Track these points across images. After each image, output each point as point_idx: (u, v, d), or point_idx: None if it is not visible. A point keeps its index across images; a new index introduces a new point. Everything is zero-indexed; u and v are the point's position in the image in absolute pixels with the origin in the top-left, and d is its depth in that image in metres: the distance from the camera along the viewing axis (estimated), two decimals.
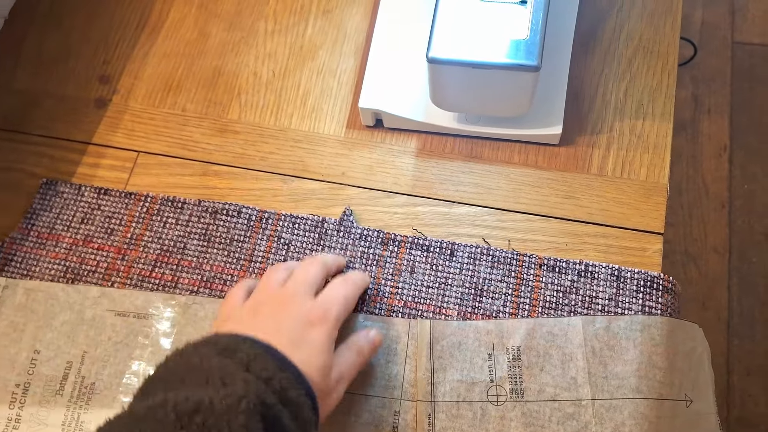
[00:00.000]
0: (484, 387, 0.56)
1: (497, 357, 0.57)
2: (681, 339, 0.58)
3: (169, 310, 0.61)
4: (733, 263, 1.47)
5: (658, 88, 0.68)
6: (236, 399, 0.42)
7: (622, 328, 0.57)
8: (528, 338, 0.58)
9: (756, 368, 1.39)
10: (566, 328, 0.58)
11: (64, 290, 0.63)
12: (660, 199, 0.63)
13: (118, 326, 0.61)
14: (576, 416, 0.55)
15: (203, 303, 0.61)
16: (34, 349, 0.61)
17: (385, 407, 0.57)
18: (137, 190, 0.67)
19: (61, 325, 0.61)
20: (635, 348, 0.56)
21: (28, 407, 0.59)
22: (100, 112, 0.72)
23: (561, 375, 0.56)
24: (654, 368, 0.55)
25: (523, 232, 0.63)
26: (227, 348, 0.47)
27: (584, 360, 0.56)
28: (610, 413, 0.54)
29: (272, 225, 0.64)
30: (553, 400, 0.55)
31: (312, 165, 0.68)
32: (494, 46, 0.57)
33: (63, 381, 0.59)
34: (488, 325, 0.58)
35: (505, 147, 0.67)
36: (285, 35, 0.74)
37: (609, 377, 0.55)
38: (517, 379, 0.56)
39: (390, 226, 0.64)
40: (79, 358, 0.60)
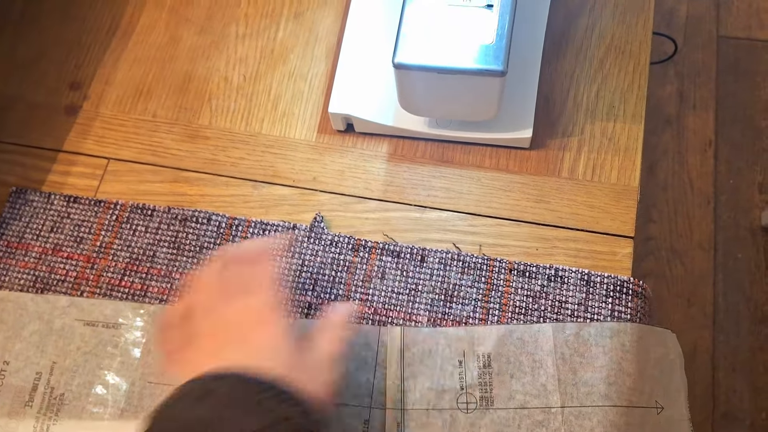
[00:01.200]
0: (454, 394, 0.56)
1: (468, 364, 0.57)
2: (652, 345, 0.58)
3: (138, 319, 0.61)
4: (719, 259, 1.47)
5: (629, 89, 0.68)
6: None
7: (593, 335, 0.57)
8: (498, 345, 0.57)
9: (741, 364, 1.39)
10: (536, 334, 0.57)
11: (33, 300, 0.62)
12: (630, 202, 0.63)
13: (87, 336, 0.61)
14: (545, 423, 0.55)
15: None
16: (3, 359, 0.60)
17: (354, 416, 0.56)
18: (107, 198, 0.66)
19: (30, 335, 0.61)
20: (605, 355, 0.56)
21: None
22: (70, 119, 0.71)
23: (531, 382, 0.56)
24: (624, 375, 0.55)
25: (493, 236, 0.63)
26: (201, 394, 0.45)
27: (554, 367, 0.56)
28: (579, 420, 0.54)
29: (242, 232, 0.64)
30: (523, 407, 0.55)
31: (283, 170, 0.67)
32: (460, 51, 0.57)
33: (32, 392, 0.59)
34: (459, 332, 0.58)
35: (476, 151, 0.67)
36: (256, 39, 0.74)
37: (579, 384, 0.55)
38: (487, 387, 0.56)
39: (361, 232, 0.64)
40: (48, 368, 0.60)
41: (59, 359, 0.60)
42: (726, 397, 1.36)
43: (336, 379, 0.50)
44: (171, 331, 0.52)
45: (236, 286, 0.52)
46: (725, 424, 1.34)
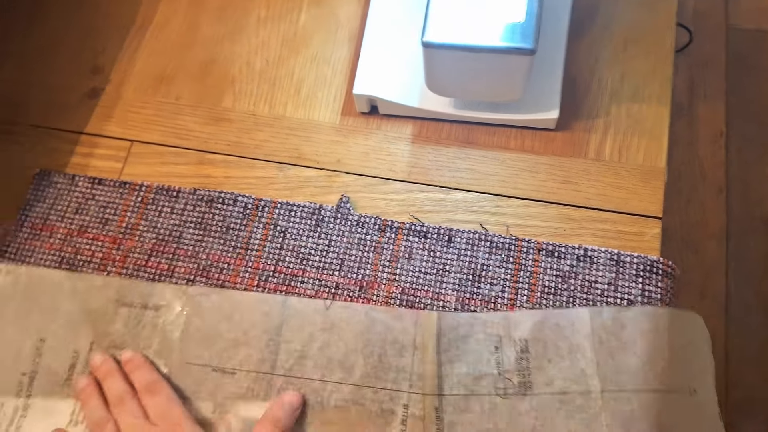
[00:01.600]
0: (492, 380, 0.56)
1: (504, 349, 0.57)
2: (683, 329, 0.57)
3: (176, 301, 0.61)
4: (731, 250, 1.47)
5: (654, 71, 0.68)
6: None
7: (630, 319, 0.56)
8: (535, 330, 0.57)
9: (754, 355, 1.39)
10: (573, 319, 0.57)
11: (68, 278, 0.62)
12: (658, 183, 0.63)
13: (125, 316, 0.61)
14: (585, 408, 0.54)
15: (209, 294, 0.61)
16: (39, 338, 0.60)
17: (393, 400, 0.56)
18: (132, 180, 0.66)
19: (66, 313, 0.61)
20: (642, 338, 0.55)
21: (35, 397, 0.58)
22: (92, 102, 0.71)
23: (569, 367, 0.55)
24: (660, 359, 0.55)
25: (520, 217, 0.63)
26: None
27: (592, 351, 0.55)
28: (620, 405, 0.54)
29: (268, 213, 0.64)
30: (563, 392, 0.55)
31: (307, 152, 0.67)
32: (490, 30, 0.56)
33: (70, 371, 0.59)
34: (494, 317, 0.58)
35: (501, 132, 0.66)
36: (278, 23, 0.74)
37: (618, 369, 0.55)
38: (525, 372, 0.56)
39: (387, 213, 0.64)
40: (86, 348, 0.60)
41: (97, 339, 0.60)
42: (739, 388, 1.36)
43: None
44: None
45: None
46: (738, 415, 1.34)
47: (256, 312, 0.59)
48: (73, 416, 0.58)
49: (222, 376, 0.58)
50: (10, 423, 0.58)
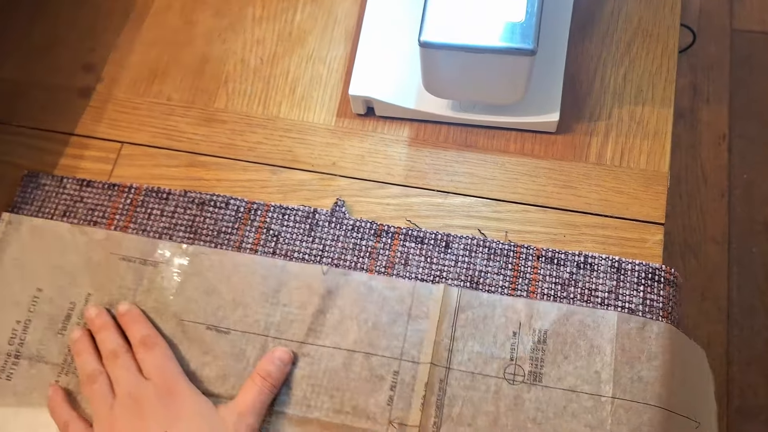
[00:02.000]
0: (503, 364, 0.55)
1: (522, 336, 0.56)
2: (694, 360, 0.56)
3: (176, 258, 0.61)
4: (733, 253, 1.46)
5: (657, 72, 0.66)
6: None
7: (655, 333, 0.55)
8: (558, 323, 0.56)
9: (756, 358, 1.37)
10: (599, 320, 0.56)
11: (70, 231, 0.63)
12: (660, 188, 0.61)
13: (123, 271, 0.61)
14: (593, 411, 0.53)
15: (209, 254, 0.61)
16: (37, 287, 0.61)
17: (384, 366, 0.56)
18: (121, 182, 0.65)
19: (65, 265, 0.61)
20: (663, 355, 0.54)
21: (27, 344, 0.59)
22: (83, 101, 0.69)
23: (585, 366, 0.54)
24: (675, 381, 0.54)
25: (519, 223, 0.61)
26: None
27: (612, 356, 0.54)
28: (628, 415, 0.53)
29: (261, 216, 0.62)
30: (572, 390, 0.54)
31: (302, 155, 0.66)
32: (489, 30, 0.55)
33: (65, 321, 0.59)
34: (518, 303, 0.57)
35: (501, 135, 0.65)
36: (273, 21, 0.72)
37: (634, 379, 0.54)
38: (539, 363, 0.55)
39: (383, 217, 0.62)
40: (83, 299, 0.60)
41: (95, 291, 0.60)
42: (740, 391, 1.35)
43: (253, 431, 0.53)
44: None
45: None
46: (740, 419, 1.33)
47: (255, 274, 0.60)
48: (65, 366, 0.58)
49: (216, 335, 0.58)
50: (1, 370, 0.58)
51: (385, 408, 0.55)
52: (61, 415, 0.55)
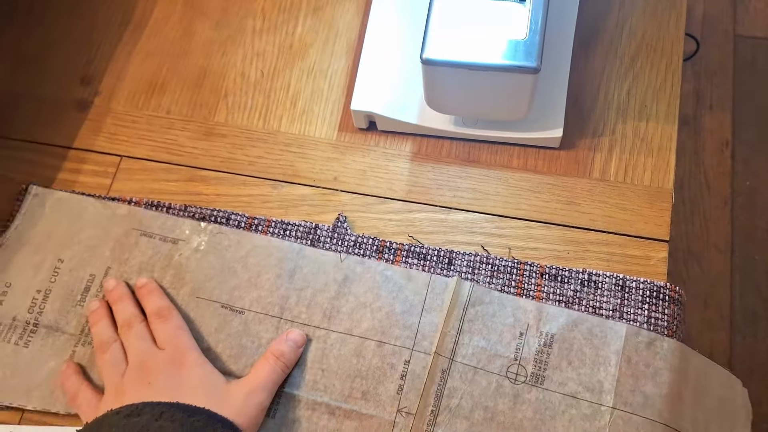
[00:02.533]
0: (506, 362, 0.55)
1: (528, 338, 0.56)
2: (717, 384, 0.56)
3: (195, 237, 0.62)
4: (736, 261, 1.45)
5: (662, 87, 0.65)
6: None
7: (665, 349, 0.55)
8: (566, 329, 0.56)
9: (758, 366, 1.37)
10: (608, 330, 0.56)
11: (93, 205, 0.64)
12: (665, 204, 0.61)
13: (143, 246, 0.62)
14: (590, 419, 0.53)
15: (228, 234, 0.62)
16: (59, 258, 0.62)
17: (395, 355, 0.56)
18: (120, 196, 0.64)
19: (87, 238, 0.62)
20: (670, 373, 0.54)
21: (46, 314, 0.60)
22: (81, 115, 0.69)
23: (588, 374, 0.55)
24: (682, 400, 0.54)
25: (522, 239, 0.61)
26: (132, 413, 0.48)
27: (617, 367, 0.55)
28: (627, 427, 0.53)
29: (262, 232, 0.62)
30: (573, 396, 0.54)
31: (303, 170, 0.65)
32: (492, 47, 0.54)
33: (84, 292, 0.60)
34: (528, 305, 0.57)
35: (504, 151, 0.64)
36: (274, 34, 0.71)
37: (636, 392, 0.54)
38: (542, 365, 0.55)
39: (384, 233, 0.62)
40: (103, 272, 0.61)
41: (114, 265, 0.61)
42: None
43: (263, 409, 0.53)
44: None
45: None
46: None
47: (272, 257, 0.60)
48: (82, 336, 0.59)
49: (230, 314, 0.59)
50: (20, 337, 0.59)
51: (394, 396, 0.55)
52: (71, 386, 0.56)
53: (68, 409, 0.56)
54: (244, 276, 0.60)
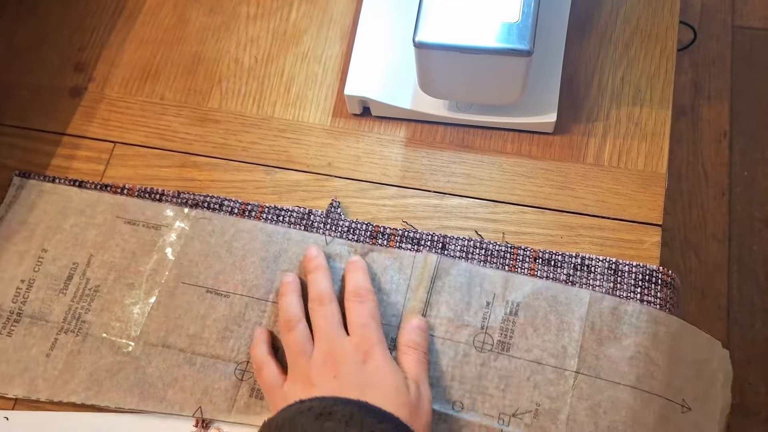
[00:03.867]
0: (473, 331, 0.56)
1: (494, 307, 0.57)
2: (690, 345, 0.56)
3: (178, 222, 0.62)
4: (733, 251, 1.45)
5: (656, 73, 0.65)
6: None
7: (628, 314, 0.56)
8: (531, 297, 0.57)
9: (756, 356, 1.37)
10: (572, 297, 0.57)
11: (77, 194, 0.64)
12: (658, 189, 0.61)
13: (127, 234, 0.62)
14: (555, 383, 0.54)
15: (212, 218, 0.62)
16: (42, 247, 0.62)
17: (386, 333, 0.56)
18: (114, 183, 0.64)
19: (70, 227, 0.62)
20: (636, 336, 0.55)
21: (30, 303, 0.60)
22: (74, 101, 0.69)
23: (552, 341, 0.55)
24: (649, 361, 0.54)
25: (516, 224, 0.61)
26: (323, 413, 0.46)
27: (580, 333, 0.55)
28: (590, 390, 0.54)
29: (255, 217, 0.62)
30: (537, 362, 0.55)
31: (296, 155, 0.65)
32: (484, 30, 0.54)
33: (67, 281, 0.60)
34: (495, 275, 0.58)
35: (498, 136, 0.64)
36: (268, 19, 0.71)
37: (600, 357, 0.55)
38: (508, 333, 0.56)
39: (379, 218, 0.62)
40: (86, 260, 0.61)
41: (97, 253, 0.61)
42: (741, 389, 1.34)
43: (430, 401, 0.52)
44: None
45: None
46: (740, 417, 1.32)
47: (256, 240, 0.60)
48: (65, 324, 0.59)
49: (216, 298, 0.59)
50: (3, 327, 0.59)
51: None
52: (259, 356, 0.55)
53: (50, 396, 0.57)
54: (229, 260, 0.60)
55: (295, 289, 0.57)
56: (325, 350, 0.53)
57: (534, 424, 0.53)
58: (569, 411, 0.53)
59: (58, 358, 0.58)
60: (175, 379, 0.56)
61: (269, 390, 0.54)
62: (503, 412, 0.54)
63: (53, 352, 0.58)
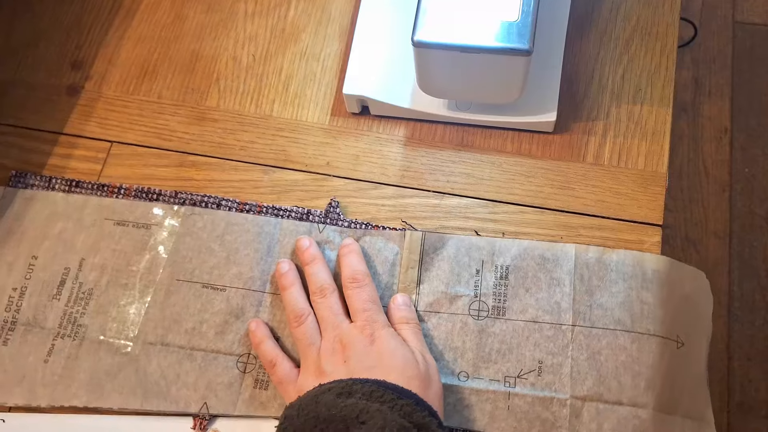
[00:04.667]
0: (468, 301, 0.57)
1: (484, 273, 0.58)
2: (678, 280, 0.57)
3: (168, 220, 0.62)
4: (734, 248, 1.44)
5: (656, 71, 0.65)
6: (378, 429, 0.43)
7: (614, 261, 0.57)
8: (518, 259, 0.58)
9: (756, 353, 1.37)
10: (558, 253, 0.58)
11: (64, 198, 0.63)
12: (659, 188, 0.60)
13: (117, 235, 0.61)
14: (554, 339, 0.55)
15: (202, 214, 0.62)
16: (32, 254, 0.61)
17: None
18: (111, 182, 0.64)
19: (59, 232, 0.62)
20: (624, 281, 0.56)
21: (23, 311, 0.60)
22: (72, 100, 0.68)
23: (545, 298, 0.56)
24: (641, 303, 0.56)
25: (516, 224, 0.60)
26: (343, 392, 0.47)
27: (571, 286, 0.56)
28: (588, 340, 0.55)
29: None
30: (534, 321, 0.56)
31: (295, 155, 0.64)
32: (483, 29, 0.53)
33: (60, 286, 0.60)
34: (480, 242, 0.59)
35: (497, 135, 0.64)
36: (266, 17, 0.71)
37: (593, 306, 0.56)
38: (501, 297, 0.57)
39: (378, 218, 0.61)
40: (77, 264, 0.61)
41: (88, 256, 0.61)
42: (741, 386, 1.34)
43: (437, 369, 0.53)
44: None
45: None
46: (741, 413, 1.32)
47: (248, 232, 0.60)
48: (60, 330, 0.59)
49: (212, 293, 0.59)
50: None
51: None
52: (268, 351, 0.56)
53: (51, 402, 0.56)
54: (222, 254, 0.60)
55: (295, 281, 0.57)
56: (332, 339, 0.53)
57: (539, 382, 0.54)
58: (571, 363, 0.54)
59: (56, 363, 0.58)
60: (178, 375, 0.56)
61: (283, 385, 0.54)
62: (508, 375, 0.55)
63: (51, 358, 0.58)
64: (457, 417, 0.54)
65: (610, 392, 0.53)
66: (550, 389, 0.54)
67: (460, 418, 0.54)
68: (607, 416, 0.53)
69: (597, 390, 0.53)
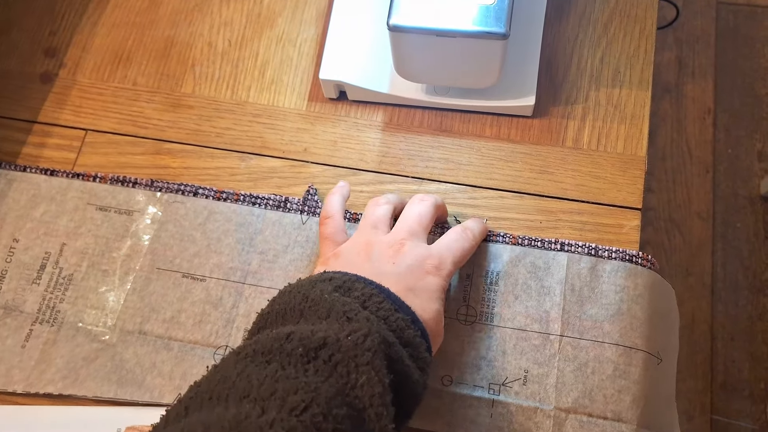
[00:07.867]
0: (456, 305, 0.56)
1: (474, 279, 0.57)
2: (660, 297, 0.57)
3: (150, 207, 0.61)
4: (717, 229, 1.45)
5: (635, 54, 0.64)
6: (361, 336, 0.41)
7: (607, 272, 0.56)
8: (510, 265, 0.57)
9: (739, 334, 1.38)
10: (550, 261, 0.57)
11: (46, 181, 0.62)
12: (637, 172, 0.60)
13: (99, 220, 0.61)
14: (541, 348, 0.55)
15: (185, 201, 0.61)
16: (13, 237, 0.61)
17: None
18: (86, 171, 0.63)
19: (41, 215, 0.61)
20: (615, 294, 0.55)
21: (3, 294, 0.59)
22: (45, 87, 0.67)
23: (535, 306, 0.56)
24: (631, 317, 0.55)
25: (495, 209, 0.60)
26: (342, 286, 0.46)
27: (561, 296, 0.56)
28: (576, 351, 0.54)
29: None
30: (522, 329, 0.55)
31: (272, 141, 0.64)
32: (460, 13, 0.53)
33: (40, 270, 0.60)
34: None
35: (476, 119, 0.63)
36: (242, 2, 0.70)
37: (582, 317, 0.55)
38: (490, 304, 0.56)
39: (356, 205, 0.61)
40: (58, 248, 0.60)
41: (69, 241, 0.60)
42: (724, 367, 1.35)
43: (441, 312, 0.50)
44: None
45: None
46: (724, 394, 1.33)
47: (231, 221, 0.60)
48: (39, 315, 0.58)
49: (192, 283, 0.58)
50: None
51: None
52: (331, 205, 0.56)
53: (26, 387, 0.56)
54: (204, 242, 0.60)
55: (341, 192, 0.57)
56: (363, 239, 0.52)
57: (523, 391, 0.54)
58: (557, 374, 0.54)
59: (33, 348, 0.57)
60: (153, 364, 0.56)
61: (325, 241, 0.54)
62: (493, 382, 0.54)
63: (28, 343, 0.57)
64: (438, 422, 0.53)
65: (594, 405, 0.53)
66: (535, 399, 0.53)
67: (441, 423, 0.53)
68: (591, 429, 0.52)
69: (582, 402, 0.53)
